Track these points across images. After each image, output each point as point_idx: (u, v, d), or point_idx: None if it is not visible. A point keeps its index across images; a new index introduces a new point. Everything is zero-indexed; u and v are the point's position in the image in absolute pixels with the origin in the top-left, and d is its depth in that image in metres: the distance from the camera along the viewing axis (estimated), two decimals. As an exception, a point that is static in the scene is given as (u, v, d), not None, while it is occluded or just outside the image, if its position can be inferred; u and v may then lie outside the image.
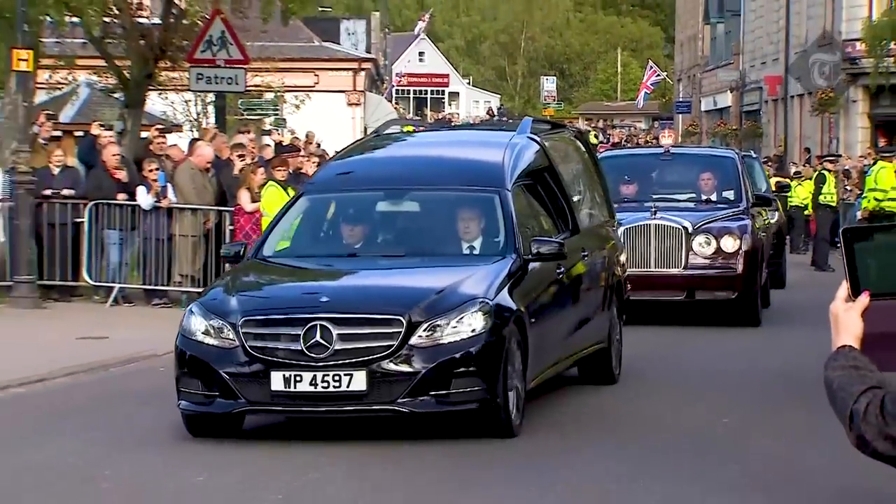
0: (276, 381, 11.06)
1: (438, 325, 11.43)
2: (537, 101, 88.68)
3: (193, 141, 33.73)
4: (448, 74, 78.49)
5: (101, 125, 34.36)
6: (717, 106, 75.05)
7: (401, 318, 11.23)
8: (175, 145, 34.75)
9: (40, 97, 41.50)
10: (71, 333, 23.72)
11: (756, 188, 28.04)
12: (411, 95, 70.18)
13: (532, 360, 12.77)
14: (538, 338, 13.09)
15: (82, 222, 30.73)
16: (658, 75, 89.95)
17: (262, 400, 11.39)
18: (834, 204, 40.27)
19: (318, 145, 45.27)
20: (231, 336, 11.36)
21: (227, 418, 12.17)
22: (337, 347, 11.02)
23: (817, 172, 41.85)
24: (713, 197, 20.89)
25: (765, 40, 68.86)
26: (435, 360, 11.22)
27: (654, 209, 20.16)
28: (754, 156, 36.98)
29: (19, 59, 30.33)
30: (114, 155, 31.05)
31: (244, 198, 27.94)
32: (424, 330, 11.31)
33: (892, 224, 9.21)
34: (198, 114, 49.97)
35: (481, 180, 14.23)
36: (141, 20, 37.56)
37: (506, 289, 12.53)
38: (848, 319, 3.27)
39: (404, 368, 11.21)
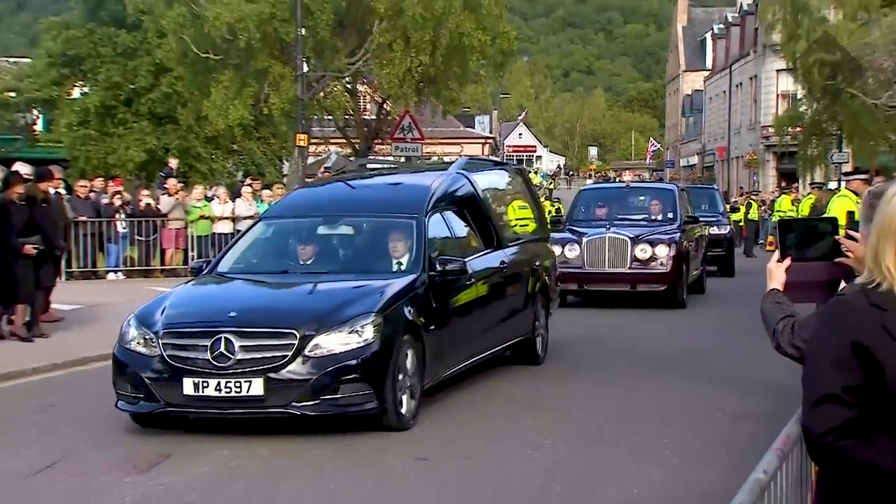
0: (188, 386, 12.09)
1: (329, 337, 12.29)
2: (586, 160, 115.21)
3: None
4: (535, 145, 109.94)
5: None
6: (689, 164, 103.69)
7: (294, 332, 12.15)
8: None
9: (310, 160, 51.26)
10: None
11: (717, 210, 35.89)
12: (514, 158, 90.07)
13: (433, 361, 13.93)
14: (441, 342, 14.29)
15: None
16: (655, 146, 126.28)
17: (177, 402, 12.39)
18: (756, 219, 54.20)
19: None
20: (155, 346, 12.50)
21: (165, 414, 13.21)
22: (238, 357, 11.99)
23: (747, 202, 55.76)
24: (659, 217, 24.40)
25: (716, 126, 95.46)
26: (324, 368, 12.09)
27: (608, 225, 23.85)
28: (716, 188, 47.23)
29: (299, 139, 43.52)
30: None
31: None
32: (316, 341, 12.21)
33: (799, 219, 12.65)
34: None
35: (403, 208, 15.56)
36: (365, 117, 56.47)
37: (401, 302, 13.48)
38: (777, 273, 5.37)
39: (297, 376, 12.06)
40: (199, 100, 48.43)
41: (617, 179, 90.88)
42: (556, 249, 22.77)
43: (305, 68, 39.48)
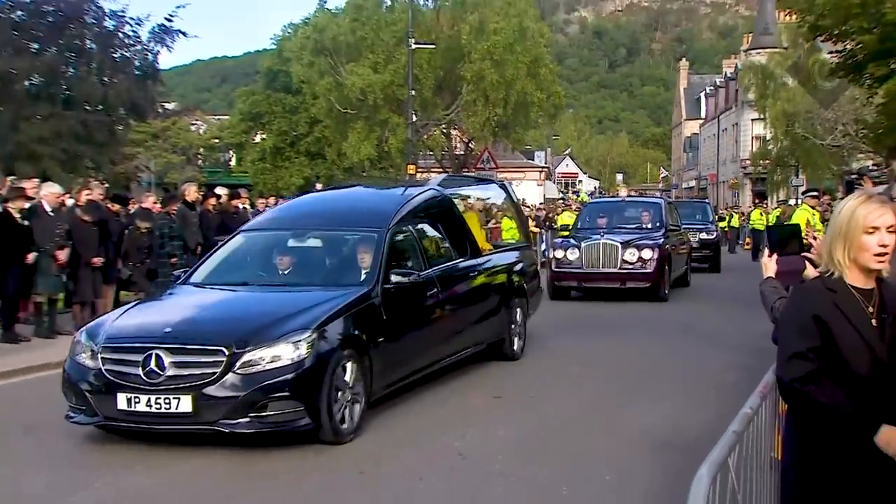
0: (121, 401, 9.72)
1: (260, 353, 9.57)
2: (615, 183, 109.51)
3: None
4: (577, 173, 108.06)
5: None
6: (689, 186, 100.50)
7: (223, 349, 9.50)
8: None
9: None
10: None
11: (708, 219, 34.00)
12: (563, 182, 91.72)
13: (382, 373, 10.81)
14: (394, 353, 11.10)
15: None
16: (664, 174, 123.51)
17: (113, 416, 9.90)
18: (737, 226, 52.22)
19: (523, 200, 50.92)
20: (97, 359, 10.07)
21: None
22: (169, 374, 9.59)
23: (730, 213, 54.45)
24: (648, 225, 23.15)
25: (708, 159, 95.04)
26: (253, 385, 9.39)
27: (603, 233, 22.40)
28: (708, 202, 44.12)
29: (409, 169, 41.20)
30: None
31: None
32: (247, 358, 9.49)
33: (778, 226, 11.91)
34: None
35: (368, 222, 12.38)
36: (456, 153, 53.83)
37: (344, 316, 10.40)
38: (770, 265, 5.58)
39: (225, 393, 9.39)
40: (339, 142, 50.33)
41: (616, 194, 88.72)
42: (560, 252, 22.23)
43: (414, 118, 40.45)
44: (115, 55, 36.91)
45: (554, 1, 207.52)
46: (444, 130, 50.92)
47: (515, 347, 14.71)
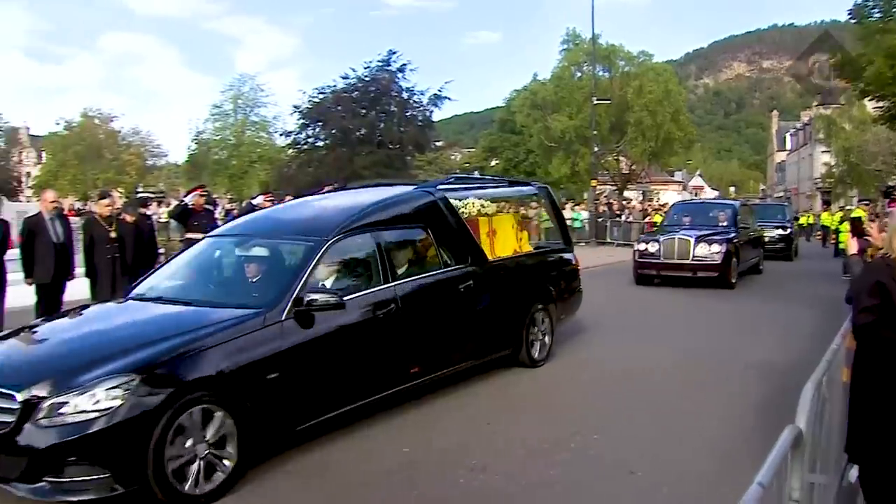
0: None
1: (63, 402, 5.23)
2: (729, 194, 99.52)
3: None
4: (704, 186, 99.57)
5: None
6: (778, 195, 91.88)
7: (14, 394, 5.32)
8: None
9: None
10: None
11: (786, 218, 29.28)
12: (694, 193, 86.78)
13: (279, 416, 6.07)
14: (300, 389, 6.20)
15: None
16: (763, 187, 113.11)
17: None
18: (811, 223, 47.60)
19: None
20: None
21: None
22: None
23: (806, 214, 50.69)
24: (724, 224, 19.57)
25: (791, 177, 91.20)
26: (48, 442, 5.16)
27: (679, 230, 19.15)
28: (787, 204, 38.46)
29: (592, 183, 41.18)
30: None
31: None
32: (45, 407, 5.24)
33: (852, 218, 10.31)
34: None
35: (310, 231, 7.31)
36: (623, 171, 51.50)
37: (207, 350, 5.70)
38: (853, 245, 4.97)
39: (18, 449, 5.22)
40: (545, 165, 50.69)
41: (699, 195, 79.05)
42: (643, 245, 19.06)
43: (595, 149, 39.39)
44: (406, 113, 40.54)
45: (687, 72, 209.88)
46: (615, 157, 50.16)
47: (535, 353, 9.56)
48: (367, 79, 40.45)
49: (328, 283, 6.99)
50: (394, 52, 40.94)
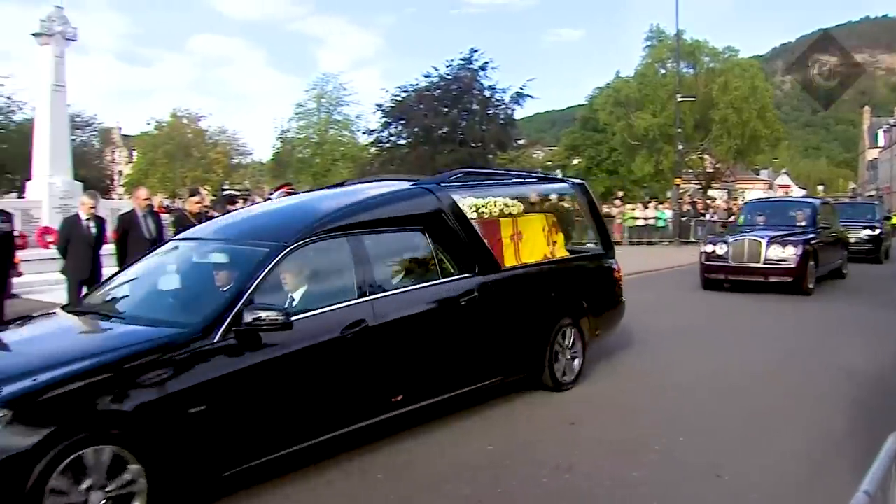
0: None
1: None
2: (817, 192, 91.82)
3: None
4: (791, 185, 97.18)
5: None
6: (869, 194, 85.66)
7: None
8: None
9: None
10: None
11: (875, 217, 26.57)
12: (780, 192, 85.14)
13: (205, 456, 5.06)
14: (232, 425, 5.17)
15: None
16: (853, 186, 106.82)
17: None
18: None
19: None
20: None
21: None
22: None
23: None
24: (803, 223, 17.93)
25: (884, 175, 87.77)
26: None
27: (751, 229, 17.57)
28: (877, 203, 33.80)
29: (675, 181, 39.35)
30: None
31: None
32: None
33: None
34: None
35: (271, 235, 6.15)
36: (707, 170, 50.57)
37: (98, 380, 4.69)
38: None
39: None
40: (629, 163, 50.69)
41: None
42: (710, 247, 17.27)
43: (679, 147, 38.78)
44: (488, 111, 40.53)
45: (773, 67, 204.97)
46: (700, 155, 49.41)
47: (559, 374, 8.15)
48: (449, 77, 40.60)
49: (288, 297, 5.88)
50: (475, 51, 40.95)
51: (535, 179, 9.60)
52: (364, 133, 48.10)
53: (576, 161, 60.32)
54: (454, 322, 6.98)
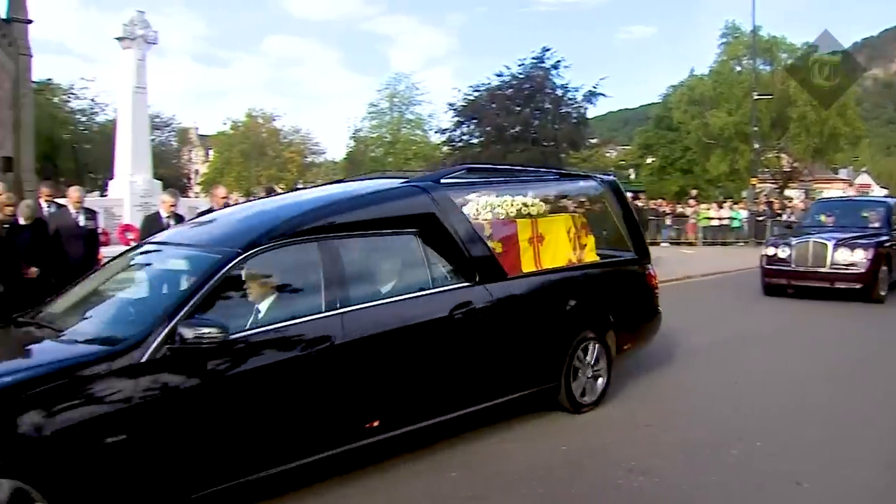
0: None
1: None
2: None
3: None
4: (871, 184, 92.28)
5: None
6: None
7: None
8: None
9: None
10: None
11: None
12: (861, 191, 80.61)
13: (148, 484, 4.47)
14: (163, 457, 4.53)
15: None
16: None
17: None
18: None
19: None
20: None
21: None
22: None
23: None
24: (876, 224, 16.38)
25: None
26: None
27: (816, 231, 16.14)
28: None
29: (751, 181, 36.40)
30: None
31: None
32: None
33: None
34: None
35: (226, 240, 5.49)
36: (784, 170, 49.24)
37: (4, 402, 4.11)
38: None
39: None
40: (703, 162, 49.75)
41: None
42: (771, 250, 15.93)
43: (755, 146, 38.03)
44: (561, 110, 40.38)
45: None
46: (776, 154, 48.58)
47: (579, 394, 7.33)
48: (521, 76, 40.60)
49: (254, 310, 5.24)
50: (547, 49, 40.89)
51: (555, 176, 8.35)
52: (436, 132, 48.28)
53: (649, 160, 59.82)
54: (445, 338, 6.10)
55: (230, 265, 5.11)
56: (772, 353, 10.33)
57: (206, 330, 4.68)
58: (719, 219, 33.58)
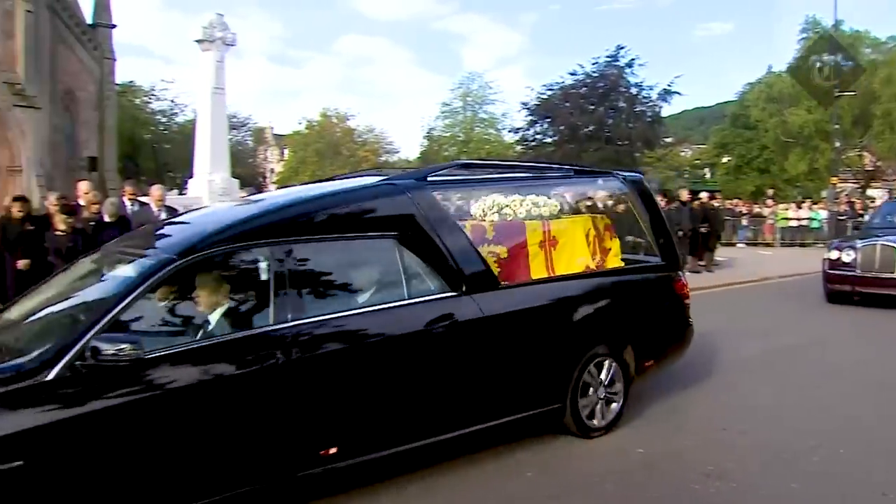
0: None
1: None
2: None
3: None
4: None
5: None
6: None
7: None
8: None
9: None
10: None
11: None
12: None
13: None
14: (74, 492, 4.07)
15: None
16: None
17: None
18: None
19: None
20: None
21: None
22: None
23: None
24: None
25: None
26: None
27: (884, 233, 14.33)
28: None
29: (831, 180, 34.12)
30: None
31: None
32: None
33: None
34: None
35: (167, 245, 5.04)
36: (866, 168, 48.13)
37: None
38: None
39: None
40: (781, 161, 48.87)
41: None
42: (834, 254, 14.47)
43: (836, 144, 36.88)
44: (635, 109, 40.08)
45: None
46: (858, 153, 47.50)
47: (589, 417, 6.58)
48: (595, 75, 40.42)
49: (204, 322, 4.84)
50: (622, 47, 40.86)
51: (570, 173, 7.39)
52: (510, 131, 48.41)
53: (725, 159, 58.88)
54: (419, 354, 5.45)
55: (161, 273, 4.60)
56: (849, 357, 9.96)
57: (125, 345, 4.24)
58: (798, 219, 32.91)
